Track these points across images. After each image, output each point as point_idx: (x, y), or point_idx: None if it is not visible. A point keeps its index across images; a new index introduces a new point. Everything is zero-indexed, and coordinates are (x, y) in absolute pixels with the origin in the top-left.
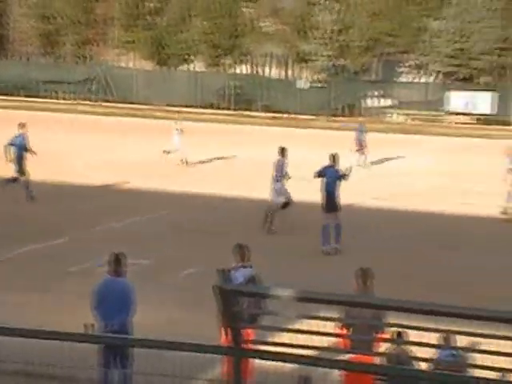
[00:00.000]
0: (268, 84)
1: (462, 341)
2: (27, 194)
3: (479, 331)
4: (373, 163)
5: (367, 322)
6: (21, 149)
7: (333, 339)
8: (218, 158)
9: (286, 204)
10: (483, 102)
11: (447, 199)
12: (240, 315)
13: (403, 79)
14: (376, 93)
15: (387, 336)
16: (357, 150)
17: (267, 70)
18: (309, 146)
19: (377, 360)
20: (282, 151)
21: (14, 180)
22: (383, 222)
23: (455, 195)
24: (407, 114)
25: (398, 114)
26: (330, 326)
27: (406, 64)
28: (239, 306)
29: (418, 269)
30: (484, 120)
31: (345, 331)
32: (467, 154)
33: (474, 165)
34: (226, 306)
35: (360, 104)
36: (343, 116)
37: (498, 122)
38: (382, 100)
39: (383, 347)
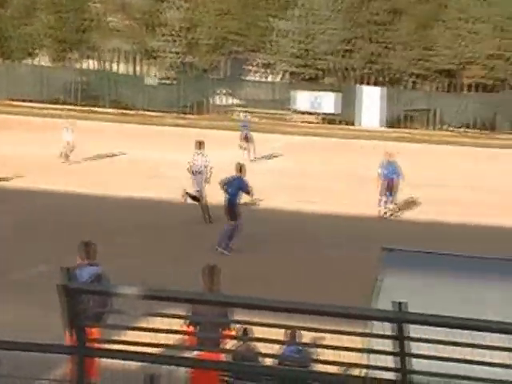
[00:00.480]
0: (116, 80)
1: (306, 336)
2: None
3: (323, 327)
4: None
5: (213, 320)
6: None
7: (179, 337)
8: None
9: (195, 198)
10: (328, 101)
11: (288, 196)
12: (84, 314)
13: (251, 78)
14: (224, 91)
15: (233, 333)
16: (244, 146)
17: (115, 65)
18: (161, 144)
19: (223, 357)
20: (200, 145)
21: None
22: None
23: (297, 192)
24: (254, 113)
25: (245, 112)
26: (176, 324)
27: (254, 63)
28: (84, 304)
29: (265, 267)
30: (328, 119)
31: (191, 329)
32: (312, 152)
33: (317, 163)
34: (70, 304)
35: (208, 102)
36: (191, 114)
37: (341, 122)
38: (230, 98)
39: (230, 344)
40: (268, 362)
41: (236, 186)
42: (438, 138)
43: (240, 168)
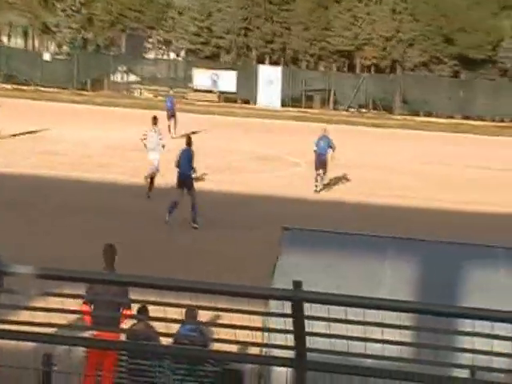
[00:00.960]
0: (11, 54)
1: (205, 316)
2: None
3: (222, 306)
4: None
5: (111, 299)
6: None
7: (76, 316)
8: None
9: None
10: (226, 80)
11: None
12: None
13: (150, 55)
14: (124, 68)
15: (131, 312)
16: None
17: (12, 40)
18: (56, 120)
19: (120, 336)
20: (154, 120)
21: None
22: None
23: (212, 172)
24: (154, 90)
25: (144, 89)
26: (72, 303)
27: (152, 40)
28: None
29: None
30: (227, 98)
31: (87, 308)
32: (210, 130)
33: (216, 140)
34: None
35: (106, 79)
36: (88, 90)
37: (240, 101)
38: (129, 75)
39: (128, 323)
40: (165, 341)
41: (186, 157)
42: (335, 117)
43: (188, 140)
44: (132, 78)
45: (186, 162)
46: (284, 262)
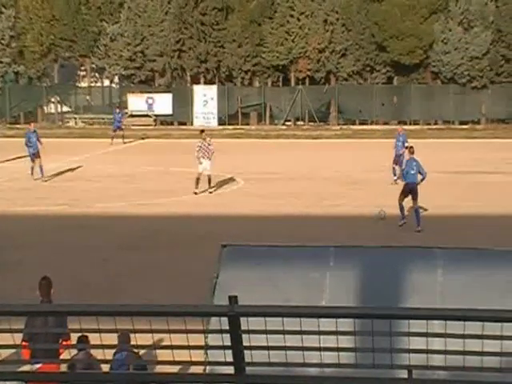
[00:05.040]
0: None
1: (144, 338)
2: None
3: (158, 327)
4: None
5: (50, 331)
6: None
7: (15, 350)
8: None
9: None
10: (162, 103)
11: (132, 198)
12: None
13: (84, 84)
14: (57, 98)
15: (70, 342)
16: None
17: None
18: None
19: (61, 367)
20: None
21: None
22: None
23: (137, 195)
24: (86, 119)
25: (79, 118)
26: (9, 338)
27: (85, 68)
28: None
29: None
30: (163, 121)
31: (26, 343)
32: (147, 154)
33: (153, 164)
34: None
35: (39, 110)
36: (20, 123)
37: (176, 123)
38: (63, 106)
39: (69, 354)
40: (106, 367)
41: None
42: (273, 132)
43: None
44: (65, 108)
45: None
46: (224, 278)
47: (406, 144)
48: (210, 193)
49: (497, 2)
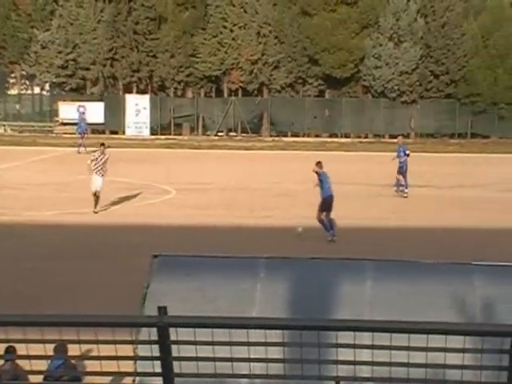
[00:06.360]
0: None
1: (75, 349)
2: None
3: (88, 338)
4: None
5: None
6: None
7: None
8: None
9: None
10: (93, 111)
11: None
12: None
13: (14, 91)
14: None
15: None
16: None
17: None
18: None
19: None
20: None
21: None
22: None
23: (67, 204)
24: (18, 126)
25: (7, 126)
26: None
27: (15, 75)
28: None
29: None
30: (95, 129)
31: None
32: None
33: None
34: None
35: None
36: None
37: (108, 132)
38: None
39: None
40: (36, 379)
41: None
42: (205, 143)
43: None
44: None
45: None
46: (154, 288)
47: (407, 152)
48: (96, 212)
49: (426, 18)
